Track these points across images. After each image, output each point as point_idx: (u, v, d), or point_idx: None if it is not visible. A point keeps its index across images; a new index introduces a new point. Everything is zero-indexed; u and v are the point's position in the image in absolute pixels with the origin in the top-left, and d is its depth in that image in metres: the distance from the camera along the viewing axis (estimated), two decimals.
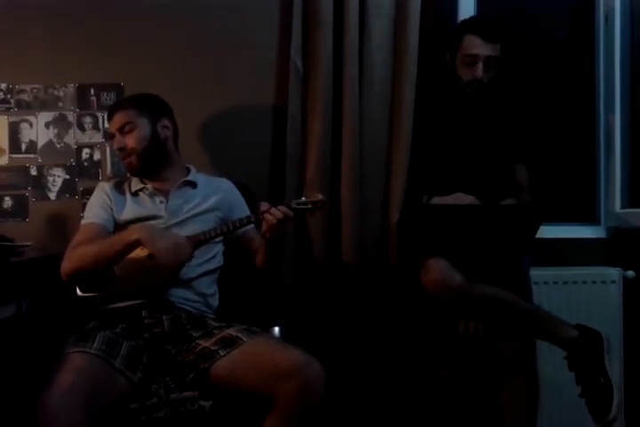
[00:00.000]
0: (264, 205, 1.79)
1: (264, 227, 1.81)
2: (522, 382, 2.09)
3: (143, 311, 1.84)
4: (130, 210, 1.96)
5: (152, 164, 1.98)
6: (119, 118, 1.96)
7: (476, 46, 2.15)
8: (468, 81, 2.19)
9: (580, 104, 2.72)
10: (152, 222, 1.93)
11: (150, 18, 2.38)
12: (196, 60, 2.39)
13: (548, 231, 2.34)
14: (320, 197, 1.85)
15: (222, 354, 1.72)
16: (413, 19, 2.31)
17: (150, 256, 1.84)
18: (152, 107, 2.00)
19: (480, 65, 2.16)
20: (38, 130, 2.36)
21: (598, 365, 1.82)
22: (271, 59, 2.41)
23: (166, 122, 2.01)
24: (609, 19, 2.61)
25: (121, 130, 1.96)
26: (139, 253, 1.84)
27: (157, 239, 1.77)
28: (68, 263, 1.85)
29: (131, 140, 1.95)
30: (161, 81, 2.30)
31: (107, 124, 2.31)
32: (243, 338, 1.75)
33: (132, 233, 1.80)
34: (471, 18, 2.33)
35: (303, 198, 1.86)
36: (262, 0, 2.41)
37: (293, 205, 1.83)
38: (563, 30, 2.78)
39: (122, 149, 1.96)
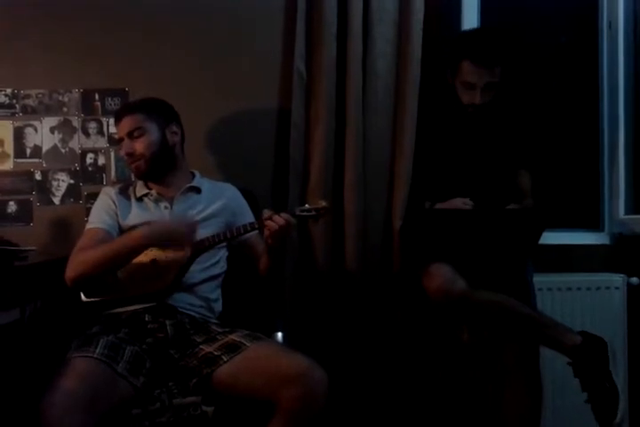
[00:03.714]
0: (266, 212, 1.80)
1: (266, 233, 1.81)
2: (525, 387, 2.08)
3: (146, 316, 1.84)
4: (135, 215, 1.96)
5: (159, 169, 1.98)
6: (128, 123, 1.95)
7: (474, 74, 2.11)
8: (468, 104, 2.18)
9: (583, 110, 2.72)
10: None
11: (154, 24, 2.39)
12: (199, 66, 2.39)
13: (551, 237, 2.33)
14: (323, 204, 1.85)
15: (225, 359, 1.72)
16: (417, 25, 2.31)
17: (153, 262, 1.85)
18: (161, 112, 2.00)
19: (478, 91, 2.13)
20: (43, 135, 2.37)
21: (603, 370, 1.81)
22: (275, 65, 2.41)
23: (175, 128, 2.00)
24: (612, 24, 2.62)
25: (130, 135, 1.95)
26: (142, 258, 1.84)
27: (159, 236, 1.81)
28: (72, 269, 1.85)
29: (140, 146, 1.94)
30: (165, 86, 2.30)
31: (112, 129, 2.33)
32: (246, 343, 1.75)
33: (139, 239, 1.80)
34: (468, 38, 2.18)
35: (307, 206, 1.86)
36: (266, 6, 2.42)
37: (297, 213, 1.83)
38: (566, 36, 2.78)
39: (130, 155, 1.95)
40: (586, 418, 1.86)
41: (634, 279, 2.43)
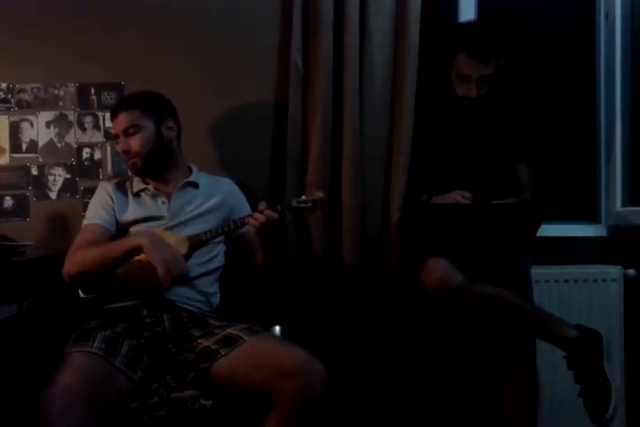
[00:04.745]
0: (262, 205, 1.81)
1: (252, 230, 1.82)
2: (523, 381, 2.09)
3: (144, 310, 1.84)
4: (132, 211, 1.96)
5: (156, 166, 1.98)
6: (123, 119, 1.94)
7: (469, 67, 2.10)
8: (463, 96, 2.17)
9: (580, 102, 2.72)
10: (154, 223, 1.94)
11: (151, 17, 2.38)
12: (196, 59, 2.39)
13: (548, 230, 2.34)
14: (320, 195, 1.85)
15: (223, 353, 1.72)
16: (414, 17, 2.30)
17: None
18: (157, 107, 1.98)
19: (473, 84, 2.12)
20: (39, 129, 2.37)
21: (597, 365, 1.82)
22: (272, 58, 2.40)
23: (171, 123, 1.99)
24: (609, 16, 2.61)
25: (125, 132, 1.94)
26: (142, 255, 1.84)
27: (158, 250, 1.77)
28: (69, 266, 1.85)
29: (135, 143, 1.93)
30: (161, 80, 2.29)
31: (108, 124, 2.32)
32: (244, 337, 1.75)
33: (136, 239, 1.80)
34: (463, 30, 2.19)
35: (303, 197, 1.87)
36: (263, 0, 2.40)
37: (294, 204, 1.84)
38: (563, 29, 2.77)
39: (126, 152, 1.94)
40: (582, 413, 1.86)
41: (630, 271, 2.44)
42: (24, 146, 2.37)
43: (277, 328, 1.98)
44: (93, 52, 2.35)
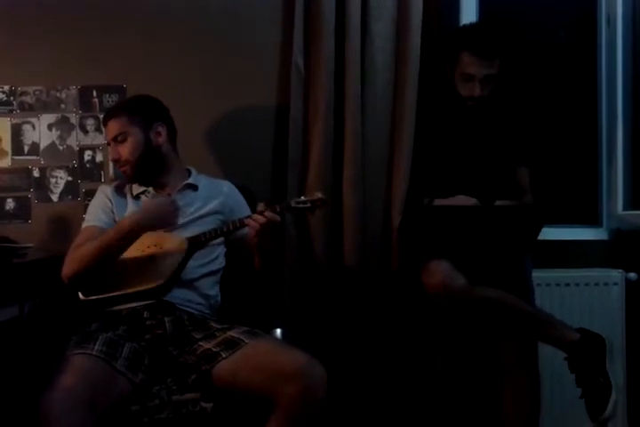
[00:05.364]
0: (261, 206, 1.80)
1: (251, 232, 1.82)
2: (524, 382, 2.09)
3: (145, 313, 1.84)
4: (131, 213, 1.96)
5: (148, 172, 1.97)
6: (112, 127, 1.95)
7: (474, 66, 2.11)
8: (467, 96, 2.18)
9: (582, 106, 2.72)
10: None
11: (152, 19, 2.38)
12: (197, 61, 2.39)
13: (550, 233, 2.34)
14: (319, 195, 1.85)
15: (224, 356, 1.72)
16: (415, 21, 2.30)
17: (151, 258, 1.85)
18: (144, 113, 1.98)
19: (477, 83, 2.13)
20: (41, 132, 2.37)
21: (599, 367, 1.81)
22: (273, 60, 2.41)
23: (159, 128, 1.98)
24: (611, 19, 2.61)
25: (114, 140, 1.95)
26: (139, 255, 1.84)
27: (149, 220, 1.81)
28: (68, 267, 1.85)
29: (124, 151, 1.94)
30: (163, 82, 2.30)
31: None
32: (245, 340, 1.75)
33: (128, 223, 1.81)
34: (468, 30, 2.21)
35: (302, 197, 1.87)
36: (264, 1, 2.41)
37: (293, 205, 1.84)
38: (565, 31, 2.77)
39: (116, 161, 1.96)
40: (584, 416, 1.86)
41: (632, 275, 2.44)
42: (26, 148, 2.37)
43: (278, 331, 1.98)
44: (94, 52, 2.35)
